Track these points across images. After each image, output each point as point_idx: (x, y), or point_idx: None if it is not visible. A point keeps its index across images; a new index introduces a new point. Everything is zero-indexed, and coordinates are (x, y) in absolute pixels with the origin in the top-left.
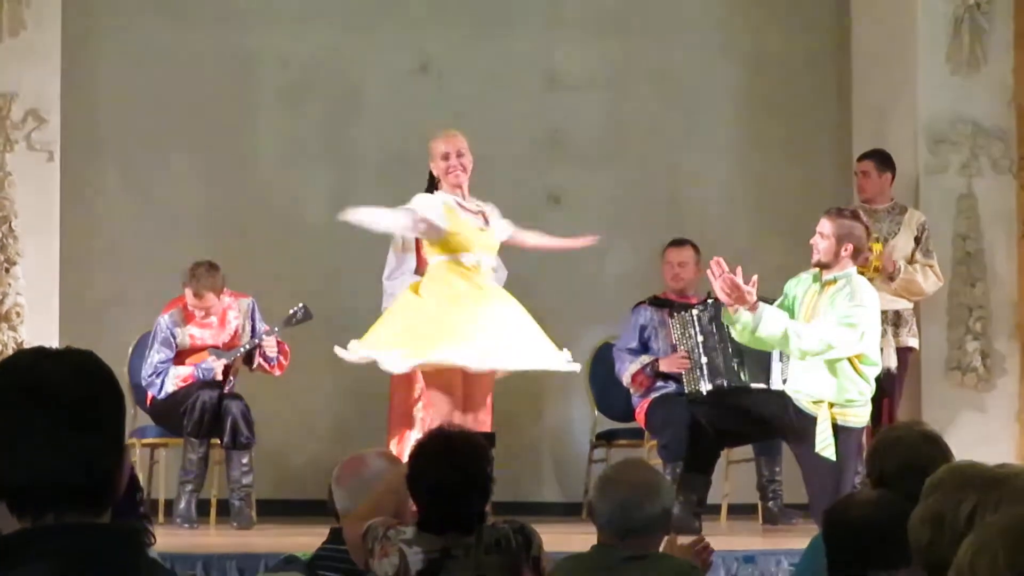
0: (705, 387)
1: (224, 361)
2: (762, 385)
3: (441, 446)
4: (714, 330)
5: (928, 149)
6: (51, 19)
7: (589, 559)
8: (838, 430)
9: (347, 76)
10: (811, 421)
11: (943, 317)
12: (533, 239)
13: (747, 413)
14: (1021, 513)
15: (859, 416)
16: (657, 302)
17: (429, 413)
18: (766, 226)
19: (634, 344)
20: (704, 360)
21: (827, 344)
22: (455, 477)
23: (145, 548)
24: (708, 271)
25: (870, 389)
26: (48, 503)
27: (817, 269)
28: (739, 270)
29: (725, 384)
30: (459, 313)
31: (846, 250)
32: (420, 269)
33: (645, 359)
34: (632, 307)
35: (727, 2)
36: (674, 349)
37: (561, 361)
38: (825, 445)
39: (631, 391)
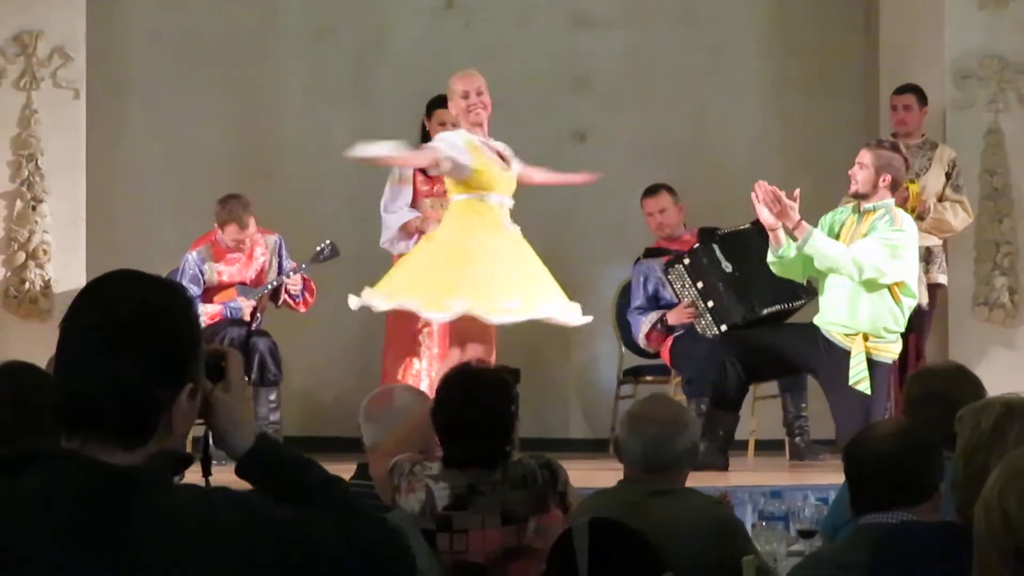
0: (720, 330)
1: (252, 301)
2: (779, 307)
3: (466, 382)
4: (709, 272)
5: (955, 84)
6: None
7: (616, 494)
8: (870, 364)
9: (373, 15)
10: (841, 355)
11: (971, 253)
12: (540, 176)
13: (775, 349)
14: None
15: (890, 350)
16: (652, 253)
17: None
18: (792, 164)
19: (640, 302)
20: (710, 304)
21: (872, 262)
22: (478, 413)
23: (151, 490)
24: (752, 195)
25: (904, 321)
26: (79, 424)
27: (855, 201)
28: (797, 193)
29: (739, 321)
30: (475, 264)
31: (884, 181)
32: (415, 202)
33: (653, 316)
34: (633, 264)
35: None
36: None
37: (572, 315)
38: (860, 378)
39: (651, 351)
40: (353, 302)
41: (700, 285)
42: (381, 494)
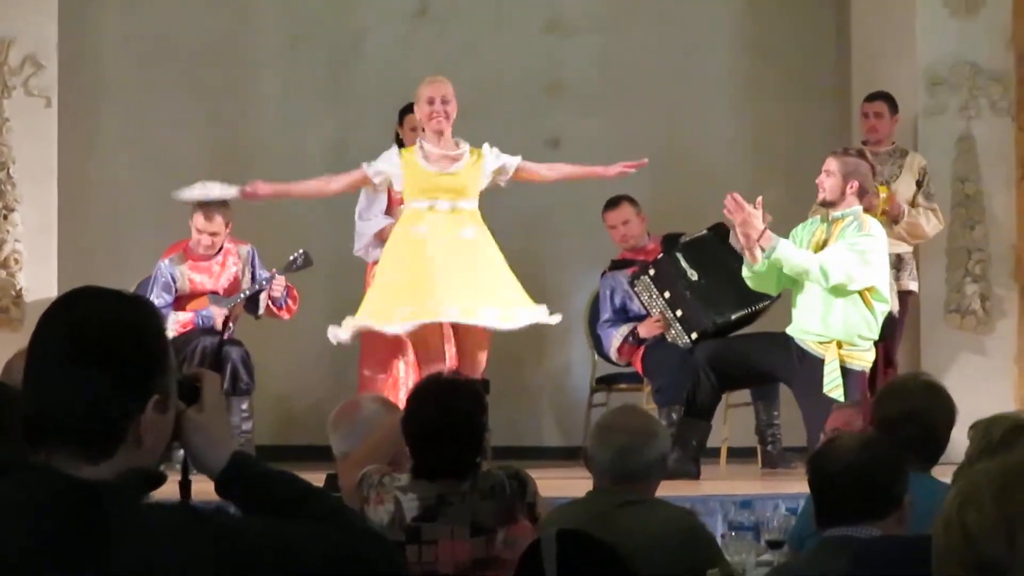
0: (691, 339)
1: (224, 310)
2: (747, 310)
3: (435, 392)
4: (674, 281)
5: (926, 91)
6: None
7: (585, 505)
8: (843, 372)
9: (348, 21)
10: (815, 363)
11: (942, 260)
12: (556, 171)
13: (748, 357)
14: (1008, 461)
15: (863, 358)
16: (617, 265)
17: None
18: (765, 169)
19: (608, 315)
20: (678, 313)
21: (841, 267)
22: (448, 423)
23: (119, 504)
24: (724, 210)
25: (877, 328)
26: (44, 437)
27: (824, 210)
28: (759, 201)
29: (708, 327)
30: (416, 272)
31: (851, 187)
32: (391, 209)
33: (624, 329)
34: (600, 276)
35: None
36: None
37: (517, 319)
38: (834, 386)
39: (622, 364)
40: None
41: (667, 295)
42: (350, 505)
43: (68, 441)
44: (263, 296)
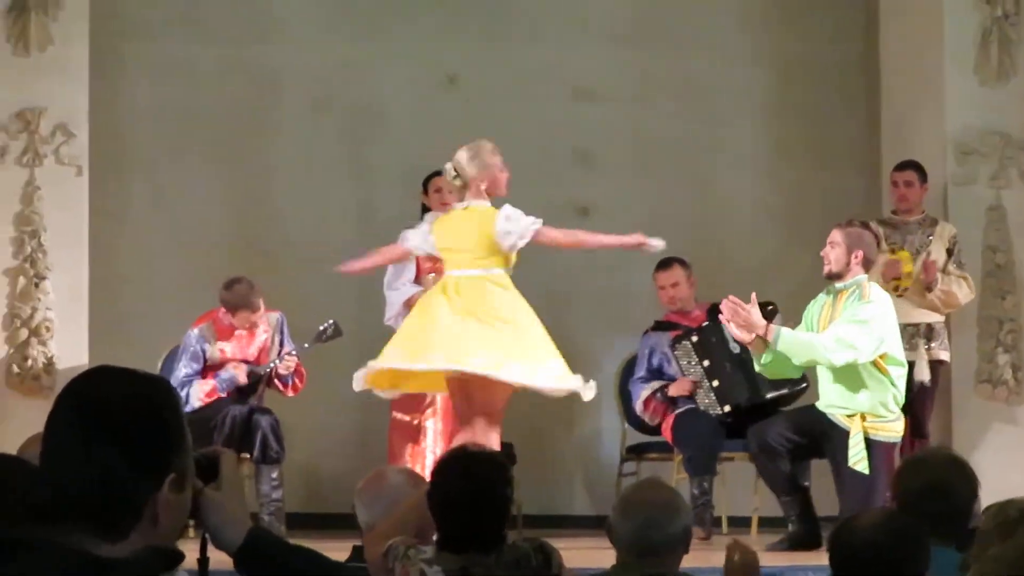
0: (723, 410)
1: (244, 368)
2: (783, 391)
3: (461, 465)
4: (716, 351)
5: (956, 160)
6: (79, 34)
7: None
8: (870, 444)
9: (370, 90)
10: (844, 436)
11: (973, 329)
12: (571, 237)
13: (810, 429)
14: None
15: (891, 429)
16: (661, 326)
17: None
18: (794, 236)
19: (643, 373)
20: (715, 384)
21: (844, 342)
22: (473, 495)
23: None
24: (720, 316)
25: (900, 394)
26: (61, 515)
27: (830, 283)
28: (753, 297)
29: (742, 403)
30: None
31: (856, 257)
32: (419, 278)
33: (655, 384)
34: (642, 335)
35: (753, 11)
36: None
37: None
38: (858, 459)
39: (647, 419)
40: (357, 383)
41: (706, 363)
42: None
43: (84, 519)
44: (271, 371)
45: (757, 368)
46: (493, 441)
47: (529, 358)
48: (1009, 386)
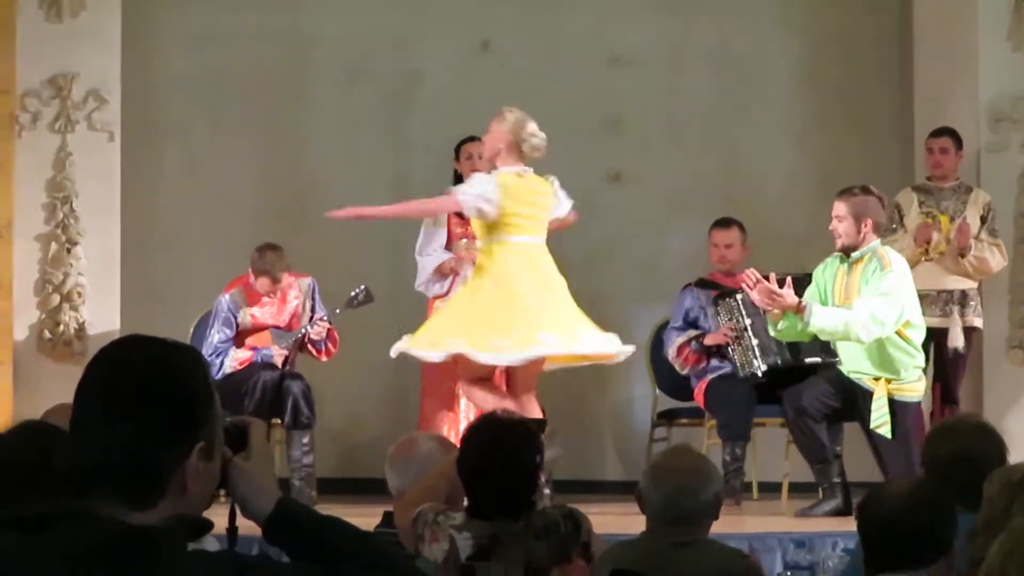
0: (760, 368)
1: (284, 351)
2: (818, 359)
3: (490, 432)
4: (761, 311)
5: (989, 127)
6: (111, 0)
7: (638, 546)
8: (894, 405)
9: (405, 56)
10: (871, 397)
11: (1005, 296)
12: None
13: (847, 391)
14: None
15: (915, 389)
16: (704, 284)
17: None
18: (826, 205)
19: (679, 323)
20: (755, 341)
21: (876, 319)
22: (502, 463)
23: (164, 551)
24: (743, 284)
25: (921, 356)
26: (91, 483)
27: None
28: (772, 276)
29: (779, 362)
30: (511, 305)
31: (866, 226)
32: (450, 244)
33: (691, 332)
34: (681, 288)
35: None
36: None
37: (612, 346)
38: (881, 422)
39: (678, 367)
40: (393, 350)
41: (749, 322)
42: (405, 543)
43: (112, 488)
44: (304, 336)
45: (771, 333)
46: (537, 409)
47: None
48: None
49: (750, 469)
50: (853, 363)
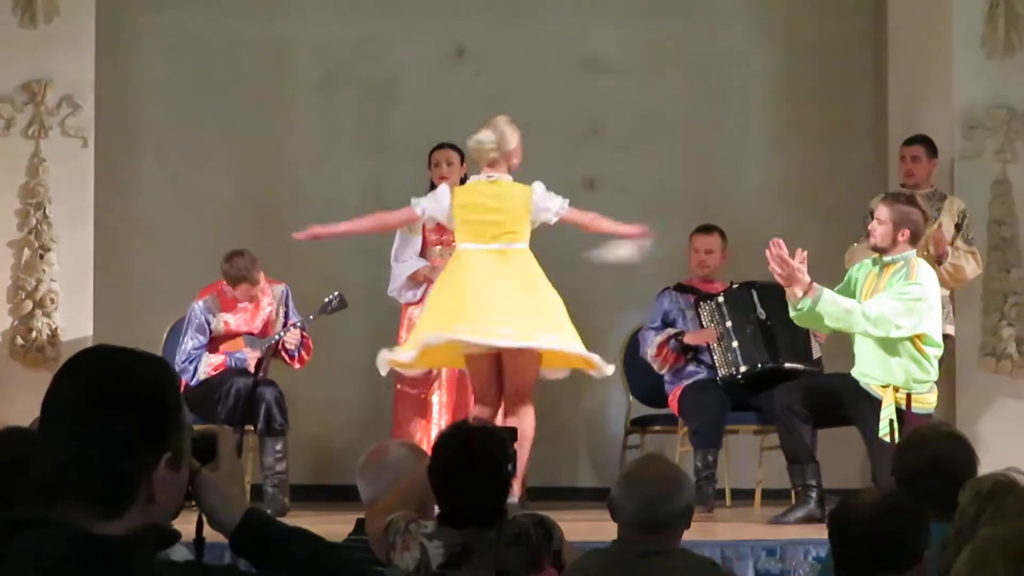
0: (741, 370)
1: (258, 354)
2: (799, 365)
3: (461, 440)
4: (742, 315)
5: (963, 134)
6: (85, 5)
7: (610, 554)
8: (902, 415)
9: (382, 63)
10: (877, 405)
11: (977, 303)
12: (594, 225)
13: (839, 396)
14: (1020, 526)
15: (924, 400)
16: (682, 288)
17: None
18: (802, 211)
19: (657, 323)
20: (736, 344)
21: (884, 317)
22: (473, 470)
23: (132, 560)
24: (766, 251)
25: (935, 372)
26: (60, 494)
27: (877, 254)
28: (799, 252)
29: (759, 365)
30: (469, 294)
31: (903, 235)
32: (424, 251)
33: (670, 331)
34: (659, 291)
35: None
36: None
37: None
38: (887, 431)
39: (656, 366)
40: (382, 368)
41: (729, 324)
42: (376, 551)
43: (81, 497)
44: (278, 343)
45: (791, 315)
46: (530, 421)
47: (573, 333)
48: (1013, 359)
49: (723, 476)
50: (864, 367)
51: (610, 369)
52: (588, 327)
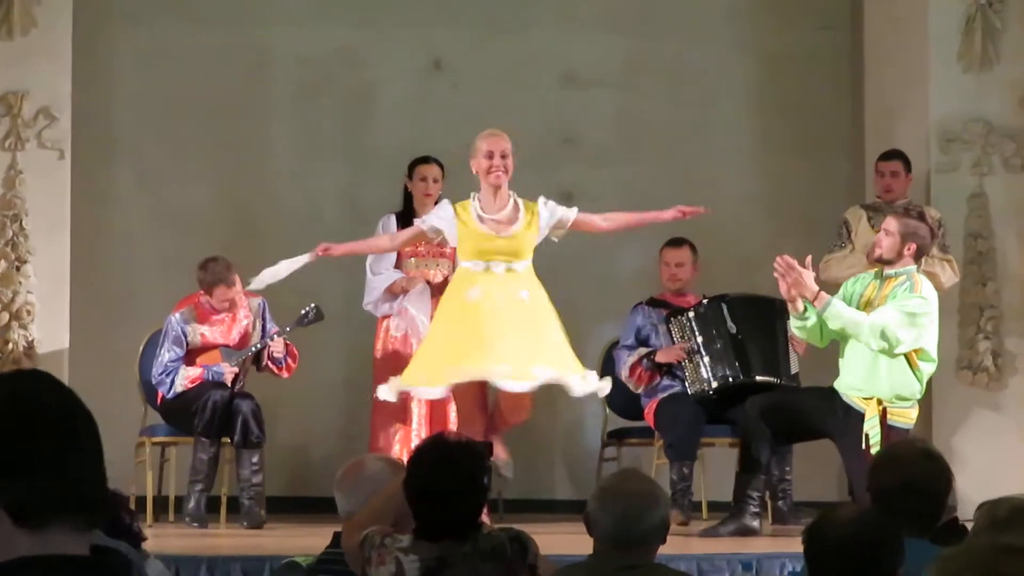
0: (713, 386)
1: (235, 368)
2: (771, 379)
3: (438, 453)
4: (712, 329)
5: (939, 148)
6: (62, 17)
7: (586, 569)
8: (884, 429)
9: (360, 74)
10: (858, 418)
11: (954, 316)
12: (613, 221)
13: (802, 412)
14: (991, 543)
15: (906, 415)
16: (655, 303)
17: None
18: (779, 225)
19: (630, 342)
20: (707, 359)
21: (890, 331)
22: (449, 484)
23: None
24: (775, 265)
25: (921, 388)
26: (46, 516)
27: (878, 267)
28: (808, 259)
29: (731, 380)
30: (468, 333)
31: (909, 249)
32: (400, 263)
33: (643, 350)
34: (631, 308)
35: (741, 0)
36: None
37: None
38: (873, 443)
39: (631, 386)
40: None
41: (700, 339)
42: (352, 565)
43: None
44: (264, 353)
45: (794, 325)
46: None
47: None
48: (989, 373)
49: (699, 489)
50: (848, 379)
51: (607, 386)
52: (568, 337)
